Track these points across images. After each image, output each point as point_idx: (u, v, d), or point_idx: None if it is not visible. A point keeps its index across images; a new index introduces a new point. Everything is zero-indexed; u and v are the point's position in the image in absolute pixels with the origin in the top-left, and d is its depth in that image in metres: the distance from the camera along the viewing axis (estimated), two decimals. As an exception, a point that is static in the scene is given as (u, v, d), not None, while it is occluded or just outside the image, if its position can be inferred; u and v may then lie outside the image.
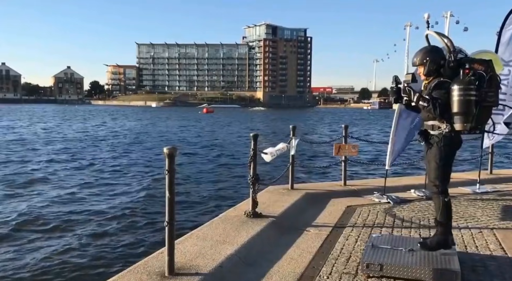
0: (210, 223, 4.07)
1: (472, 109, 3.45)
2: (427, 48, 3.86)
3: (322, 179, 11.39)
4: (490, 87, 3.53)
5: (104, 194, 10.72)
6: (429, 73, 3.77)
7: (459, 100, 3.42)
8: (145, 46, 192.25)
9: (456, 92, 3.43)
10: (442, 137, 3.67)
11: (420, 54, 3.84)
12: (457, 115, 3.49)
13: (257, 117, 69.53)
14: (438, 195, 3.76)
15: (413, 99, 3.76)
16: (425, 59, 3.75)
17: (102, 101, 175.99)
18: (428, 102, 3.61)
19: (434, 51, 3.78)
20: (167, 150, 2.87)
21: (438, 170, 3.72)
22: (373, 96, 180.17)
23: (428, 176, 3.93)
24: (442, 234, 3.75)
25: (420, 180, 5.91)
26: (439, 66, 3.70)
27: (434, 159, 3.75)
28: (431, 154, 3.81)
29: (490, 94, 3.53)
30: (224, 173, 14.17)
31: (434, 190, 3.78)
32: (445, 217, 3.70)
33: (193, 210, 8.83)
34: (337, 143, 5.83)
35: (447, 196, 3.74)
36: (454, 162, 3.86)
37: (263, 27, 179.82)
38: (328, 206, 5.01)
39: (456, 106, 3.46)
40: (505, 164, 14.17)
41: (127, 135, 30.85)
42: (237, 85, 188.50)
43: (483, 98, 3.49)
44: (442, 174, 3.73)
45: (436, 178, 3.74)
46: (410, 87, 3.85)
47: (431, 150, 3.82)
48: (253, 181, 4.30)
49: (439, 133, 3.69)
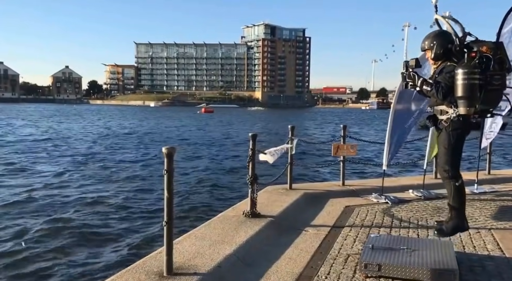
0: (209, 223, 4.07)
1: (476, 93, 3.40)
2: (435, 32, 3.84)
3: (320, 179, 11.40)
4: (497, 70, 3.48)
5: (101, 193, 10.70)
6: (437, 57, 3.75)
7: (463, 84, 3.38)
8: (144, 46, 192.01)
9: (460, 76, 3.39)
10: (451, 122, 3.65)
11: (428, 39, 3.81)
12: (461, 99, 3.46)
13: (255, 117, 69.50)
14: (449, 180, 3.74)
15: (417, 83, 3.75)
16: (433, 43, 3.73)
17: (100, 101, 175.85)
18: (431, 86, 3.60)
19: (442, 35, 3.75)
20: (165, 150, 2.87)
21: (447, 155, 3.70)
22: (371, 96, 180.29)
23: (438, 160, 3.93)
24: (457, 218, 3.75)
25: (418, 180, 5.92)
26: (447, 50, 3.68)
27: (443, 144, 3.74)
28: (440, 139, 3.80)
29: (496, 77, 3.46)
30: (223, 173, 14.17)
31: (445, 175, 3.76)
32: (458, 201, 3.70)
33: (192, 210, 8.83)
34: (335, 143, 5.83)
35: (458, 181, 3.72)
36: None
37: (262, 27, 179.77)
38: (327, 206, 5.01)
39: (459, 90, 3.42)
40: (503, 164, 14.19)
41: (125, 134, 30.81)
42: (235, 85, 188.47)
43: (489, 82, 3.44)
44: (452, 159, 3.70)
45: (445, 163, 3.72)
46: (414, 72, 3.84)
47: (440, 135, 3.81)
48: (251, 181, 4.30)
49: (447, 118, 3.68)
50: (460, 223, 3.66)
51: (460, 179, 3.69)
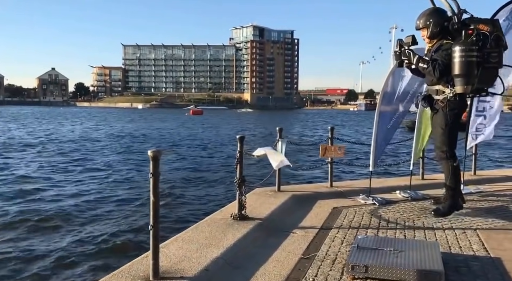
0: (196, 226, 4.04)
1: (473, 70, 3.33)
2: (430, 10, 3.73)
3: (309, 181, 11.43)
4: (494, 47, 3.42)
5: (87, 196, 10.58)
6: (433, 36, 3.65)
7: (460, 62, 3.31)
8: (131, 48, 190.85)
9: (457, 53, 3.33)
10: (447, 101, 3.59)
11: (423, 17, 3.70)
12: (458, 77, 3.39)
13: (244, 119, 69.49)
14: (447, 160, 3.72)
15: (413, 61, 3.67)
16: (428, 21, 3.63)
17: (87, 103, 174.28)
18: (427, 64, 3.52)
19: (437, 13, 3.65)
20: (151, 153, 2.84)
21: (444, 136, 3.66)
22: (359, 98, 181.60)
23: (435, 142, 3.88)
24: (452, 197, 3.75)
25: (405, 181, 5.96)
26: (443, 28, 3.60)
27: (439, 125, 3.68)
28: (437, 120, 3.73)
29: (493, 54, 3.41)
30: (211, 175, 14.13)
31: (442, 156, 3.73)
32: (455, 181, 3.69)
33: (179, 213, 8.78)
34: (323, 144, 5.84)
35: (455, 161, 3.70)
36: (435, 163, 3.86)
37: (250, 29, 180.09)
38: (315, 207, 5.01)
39: (456, 68, 3.35)
40: (488, 164, 14.39)
41: (111, 136, 30.53)
42: (224, 87, 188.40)
43: (486, 59, 3.39)
44: (449, 139, 3.67)
45: (443, 143, 3.68)
46: (410, 49, 3.76)
47: (436, 115, 3.74)
48: (239, 183, 4.28)
49: (443, 97, 3.61)
50: (455, 203, 3.66)
51: (457, 159, 3.67)
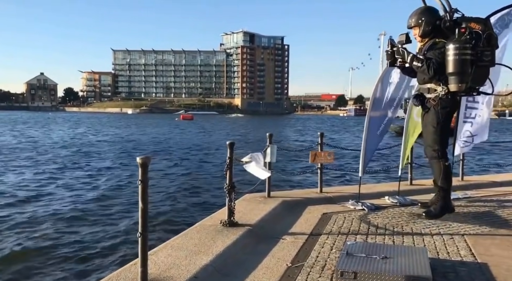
0: (185, 233, 4.02)
1: (467, 68, 3.34)
2: (422, 9, 3.72)
3: (299, 186, 11.45)
4: (486, 46, 3.43)
5: (74, 203, 10.46)
6: (425, 34, 3.65)
7: (454, 60, 3.32)
8: (121, 52, 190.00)
9: (451, 52, 3.33)
10: (439, 100, 3.58)
11: (415, 15, 3.69)
12: (452, 75, 3.38)
13: (235, 124, 69.47)
14: (439, 159, 3.68)
15: (407, 59, 3.65)
16: (420, 20, 3.62)
17: (76, 108, 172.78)
18: (422, 62, 3.51)
19: (429, 12, 3.66)
20: (140, 160, 2.82)
21: (436, 134, 3.64)
22: (349, 103, 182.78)
23: (426, 141, 3.85)
24: (444, 199, 3.72)
25: (394, 187, 6.00)
26: (435, 27, 3.60)
27: (431, 123, 3.66)
28: (428, 118, 3.71)
29: (487, 53, 3.43)
30: (200, 181, 14.08)
31: (434, 155, 3.69)
32: (447, 182, 3.66)
33: (169, 219, 8.72)
34: (313, 150, 5.87)
35: (447, 160, 3.68)
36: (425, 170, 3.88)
37: (241, 35, 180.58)
38: (305, 213, 5.02)
39: (451, 66, 3.35)
40: (476, 170, 14.56)
41: (99, 142, 30.30)
42: (215, 92, 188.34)
43: (479, 57, 3.40)
44: (440, 138, 3.64)
45: (434, 142, 3.65)
46: (404, 48, 3.75)
47: (428, 114, 3.72)
48: (229, 189, 4.27)
49: (435, 96, 3.60)
50: (447, 204, 3.64)
51: (448, 159, 3.65)
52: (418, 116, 5.57)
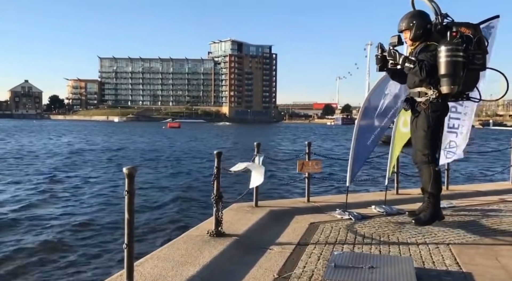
0: (172, 243, 3.98)
1: (459, 70, 3.36)
2: (413, 12, 3.76)
3: (286, 196, 11.46)
4: (477, 50, 3.46)
5: (59, 214, 10.30)
6: (416, 38, 3.67)
7: (447, 61, 3.33)
8: (108, 60, 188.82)
9: (444, 53, 3.34)
10: (429, 103, 3.57)
11: (406, 19, 3.71)
12: (444, 77, 3.39)
13: (222, 132, 69.37)
14: (429, 164, 3.63)
15: (399, 61, 3.66)
16: (412, 23, 3.65)
17: (62, 116, 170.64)
18: (414, 64, 3.52)
19: (420, 15, 3.69)
20: (126, 170, 2.80)
21: (427, 138, 3.60)
22: (336, 112, 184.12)
23: (416, 145, 3.80)
24: (434, 206, 3.68)
25: (380, 196, 6.05)
26: (426, 30, 3.64)
27: (421, 127, 3.64)
28: (418, 122, 3.69)
29: (478, 56, 3.46)
30: (187, 191, 13.99)
31: (424, 159, 3.64)
32: (437, 188, 3.63)
33: (155, 230, 8.64)
34: (300, 159, 5.88)
35: (437, 165, 3.65)
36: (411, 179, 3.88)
37: (229, 43, 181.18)
38: (292, 223, 5.02)
39: (443, 67, 3.36)
40: (461, 179, 14.73)
41: (84, 151, 29.95)
42: (202, 100, 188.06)
43: (471, 60, 3.42)
44: (431, 142, 3.61)
45: (424, 146, 3.61)
46: (395, 49, 3.77)
47: (418, 118, 3.69)
48: (216, 199, 4.25)
49: (426, 99, 3.60)
50: (437, 211, 3.62)
51: (438, 164, 3.64)
52: (404, 126, 5.63)
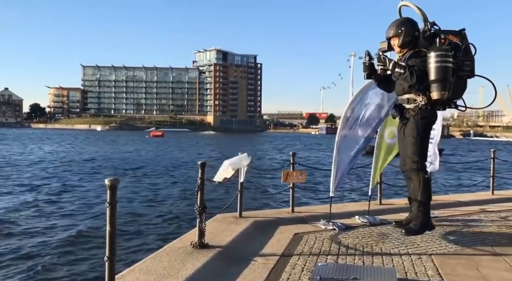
0: (154, 255, 3.92)
1: (449, 76, 3.39)
2: (401, 20, 3.79)
3: (271, 206, 11.44)
4: (466, 57, 3.49)
5: (39, 225, 10.06)
6: (404, 45, 3.69)
7: (437, 67, 3.36)
8: (91, 68, 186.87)
9: (433, 59, 3.38)
10: (418, 110, 3.59)
11: (395, 26, 3.74)
12: (435, 83, 3.41)
13: (207, 142, 69.11)
14: (418, 172, 3.61)
15: (389, 66, 3.68)
16: (400, 30, 3.67)
17: (43, 125, 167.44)
18: (404, 69, 3.55)
19: (409, 23, 3.73)
20: (108, 182, 2.76)
21: (416, 145, 3.60)
22: (320, 122, 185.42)
23: (404, 153, 3.78)
24: (424, 215, 3.65)
25: (364, 206, 6.09)
26: (414, 37, 3.66)
27: (411, 134, 3.63)
28: (407, 129, 3.69)
29: (467, 63, 3.49)
30: (170, 201, 13.83)
31: (413, 166, 3.63)
32: (427, 196, 3.61)
33: (137, 241, 8.50)
34: (285, 170, 5.89)
35: (427, 173, 3.65)
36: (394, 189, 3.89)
37: (214, 52, 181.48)
38: (276, 233, 5.01)
39: (433, 73, 3.38)
40: (442, 189, 14.97)
41: (64, 161, 29.44)
42: (187, 109, 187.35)
43: (460, 67, 3.46)
44: (420, 149, 3.61)
45: (414, 153, 3.61)
46: (385, 55, 3.79)
47: (407, 125, 3.69)
48: (200, 210, 4.22)
49: (415, 106, 3.61)
50: (427, 221, 3.62)
51: (428, 172, 3.64)
52: (390, 137, 5.70)
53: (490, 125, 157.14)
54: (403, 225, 3.95)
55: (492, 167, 7.91)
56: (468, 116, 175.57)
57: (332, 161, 5.36)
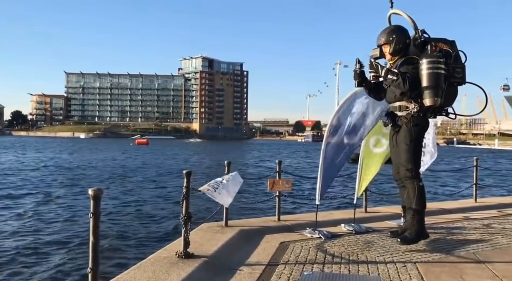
0: (139, 266, 3.86)
1: (442, 82, 3.42)
2: (392, 27, 3.83)
3: (257, 214, 11.39)
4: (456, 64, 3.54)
5: (20, 235, 9.83)
6: (395, 52, 3.72)
7: (429, 73, 3.39)
8: (75, 76, 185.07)
9: (426, 66, 3.40)
10: (411, 117, 3.61)
11: (385, 33, 3.77)
12: (427, 89, 3.43)
13: (192, 149, 68.73)
14: (413, 180, 3.64)
15: (381, 73, 3.68)
16: (391, 37, 3.71)
17: (25, 132, 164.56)
18: (397, 76, 3.56)
19: (400, 30, 3.76)
20: (92, 192, 2.72)
21: (409, 152, 3.62)
22: (306, 129, 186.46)
23: (398, 161, 3.80)
24: (419, 223, 3.67)
25: (350, 214, 6.11)
26: (405, 45, 3.69)
27: (404, 141, 3.64)
28: (400, 137, 3.69)
29: (458, 70, 3.54)
30: (155, 210, 13.67)
31: (408, 174, 3.66)
32: (422, 204, 3.63)
33: (121, 251, 8.36)
34: (271, 178, 5.89)
35: (421, 180, 3.66)
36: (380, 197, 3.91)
37: (199, 60, 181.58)
38: (262, 242, 4.99)
39: (426, 79, 3.41)
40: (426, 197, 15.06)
41: (49, 169, 28.95)
42: (172, 116, 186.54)
43: (451, 74, 3.50)
44: (414, 157, 3.63)
45: (408, 161, 3.63)
46: (377, 62, 3.80)
47: (400, 132, 3.70)
48: (185, 220, 4.17)
49: (407, 113, 3.62)
50: (423, 229, 3.64)
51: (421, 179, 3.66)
52: (376, 146, 5.74)
53: (472, 133, 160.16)
54: (399, 234, 3.96)
55: (475, 175, 8.03)
56: (452, 124, 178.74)
57: (318, 169, 5.37)
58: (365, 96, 5.20)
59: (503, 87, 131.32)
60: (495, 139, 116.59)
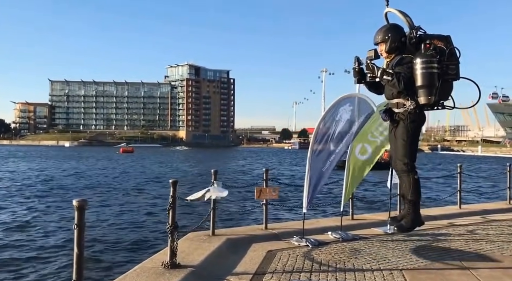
0: (124, 277, 3.80)
1: (435, 81, 3.53)
2: (388, 26, 3.93)
3: (245, 222, 11.35)
4: (451, 60, 3.63)
5: (4, 245, 9.61)
6: (391, 50, 3.82)
7: (423, 73, 3.50)
8: (59, 83, 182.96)
9: (419, 65, 3.51)
10: (408, 114, 3.74)
11: (381, 32, 3.87)
12: (421, 89, 3.55)
13: (179, 157, 68.29)
14: (408, 173, 3.81)
15: (377, 74, 3.78)
16: (387, 36, 3.80)
17: (7, 141, 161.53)
18: (392, 76, 3.66)
19: (395, 29, 3.86)
20: (76, 203, 2.68)
21: (406, 148, 3.78)
22: (293, 137, 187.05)
23: (395, 155, 3.96)
24: (414, 212, 3.85)
25: (336, 222, 6.13)
26: (400, 43, 3.78)
27: (401, 137, 3.80)
28: (398, 132, 3.85)
29: (452, 66, 3.63)
30: (141, 220, 13.49)
31: (404, 168, 3.82)
32: (417, 195, 3.80)
33: (106, 262, 8.23)
34: (258, 186, 5.87)
35: (416, 174, 3.82)
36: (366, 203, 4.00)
37: (186, 67, 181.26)
38: (249, 251, 4.96)
39: (419, 79, 3.52)
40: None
41: (31, 179, 28.44)
42: (158, 124, 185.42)
43: (445, 71, 3.59)
44: (410, 152, 3.79)
45: (404, 155, 3.78)
46: (373, 63, 3.89)
47: (398, 128, 3.86)
48: (171, 229, 4.13)
49: (404, 110, 3.76)
50: (418, 218, 3.80)
51: (417, 172, 3.82)
52: (362, 154, 5.79)
53: (456, 140, 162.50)
54: (398, 221, 4.13)
55: (459, 181, 8.14)
56: (436, 131, 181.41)
57: (305, 176, 5.38)
58: (349, 103, 5.28)
59: (492, 95, 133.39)
60: (478, 145, 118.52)
